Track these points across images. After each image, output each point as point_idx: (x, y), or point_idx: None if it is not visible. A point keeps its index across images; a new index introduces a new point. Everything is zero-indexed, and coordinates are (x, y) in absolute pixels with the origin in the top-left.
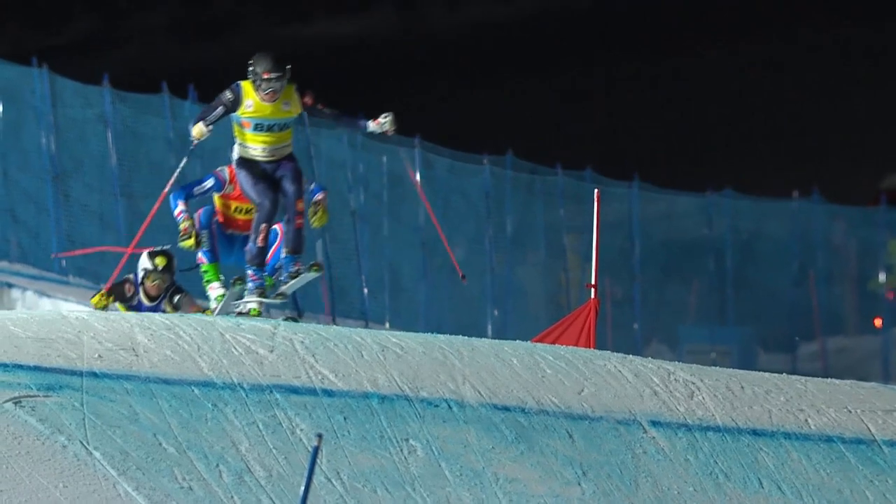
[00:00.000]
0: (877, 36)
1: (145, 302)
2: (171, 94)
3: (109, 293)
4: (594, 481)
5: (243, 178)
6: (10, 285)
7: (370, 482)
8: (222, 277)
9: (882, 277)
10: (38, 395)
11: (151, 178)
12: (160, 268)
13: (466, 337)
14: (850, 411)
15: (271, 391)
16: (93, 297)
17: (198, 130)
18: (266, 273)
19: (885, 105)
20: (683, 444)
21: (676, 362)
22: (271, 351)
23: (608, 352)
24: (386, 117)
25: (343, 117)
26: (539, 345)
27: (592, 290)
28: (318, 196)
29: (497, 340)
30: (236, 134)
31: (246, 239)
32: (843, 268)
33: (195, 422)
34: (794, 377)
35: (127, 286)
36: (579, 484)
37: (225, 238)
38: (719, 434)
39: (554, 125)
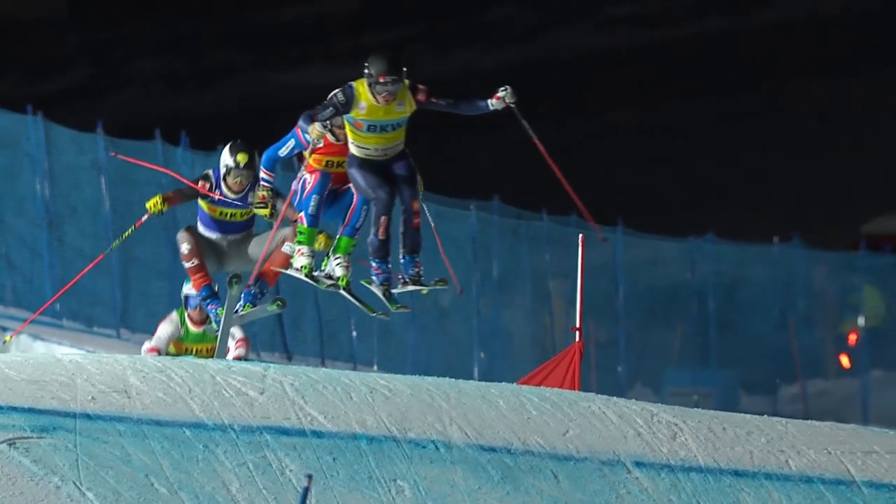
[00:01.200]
0: (852, 85)
1: (229, 196)
2: (163, 140)
3: (166, 200)
4: None
5: (356, 175)
6: (4, 329)
7: None
8: (314, 248)
9: (861, 321)
10: (32, 437)
11: (145, 222)
12: (241, 165)
13: (453, 379)
14: (831, 453)
15: (261, 432)
16: (149, 199)
17: (316, 132)
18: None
19: (863, 152)
20: (666, 484)
21: (660, 404)
22: (261, 393)
23: (593, 394)
24: (504, 90)
25: (461, 103)
26: (525, 387)
27: (577, 333)
28: None
29: (483, 382)
30: (348, 133)
31: (336, 192)
32: (823, 312)
33: (186, 463)
34: (775, 419)
35: (201, 183)
36: None
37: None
38: (701, 475)
39: (539, 172)
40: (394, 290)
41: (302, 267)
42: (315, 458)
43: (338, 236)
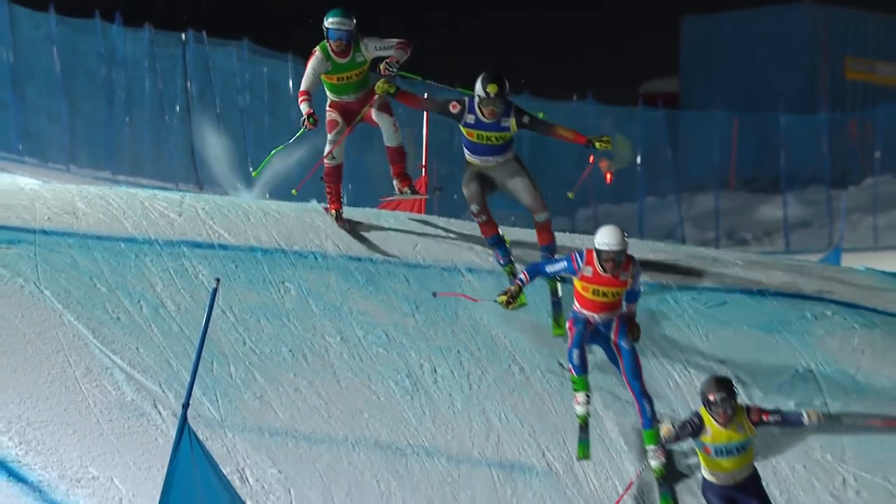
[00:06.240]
0: None
1: (485, 120)
2: (102, 19)
3: (397, 88)
4: (425, 314)
5: (708, 500)
6: None
7: (255, 314)
8: (589, 393)
9: (638, 160)
10: (2, 247)
11: (86, 82)
12: (492, 95)
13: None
14: None
15: (180, 245)
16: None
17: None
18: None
19: (644, 24)
20: (491, 284)
21: None
22: (180, 215)
23: (435, 216)
24: (818, 416)
25: (788, 417)
26: (383, 211)
27: (423, 169)
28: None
29: (351, 208)
30: (700, 457)
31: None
32: (609, 155)
33: (122, 268)
34: (574, 235)
35: (452, 105)
36: (413, 315)
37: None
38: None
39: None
40: None
41: (579, 415)
42: (221, 266)
43: (643, 430)
